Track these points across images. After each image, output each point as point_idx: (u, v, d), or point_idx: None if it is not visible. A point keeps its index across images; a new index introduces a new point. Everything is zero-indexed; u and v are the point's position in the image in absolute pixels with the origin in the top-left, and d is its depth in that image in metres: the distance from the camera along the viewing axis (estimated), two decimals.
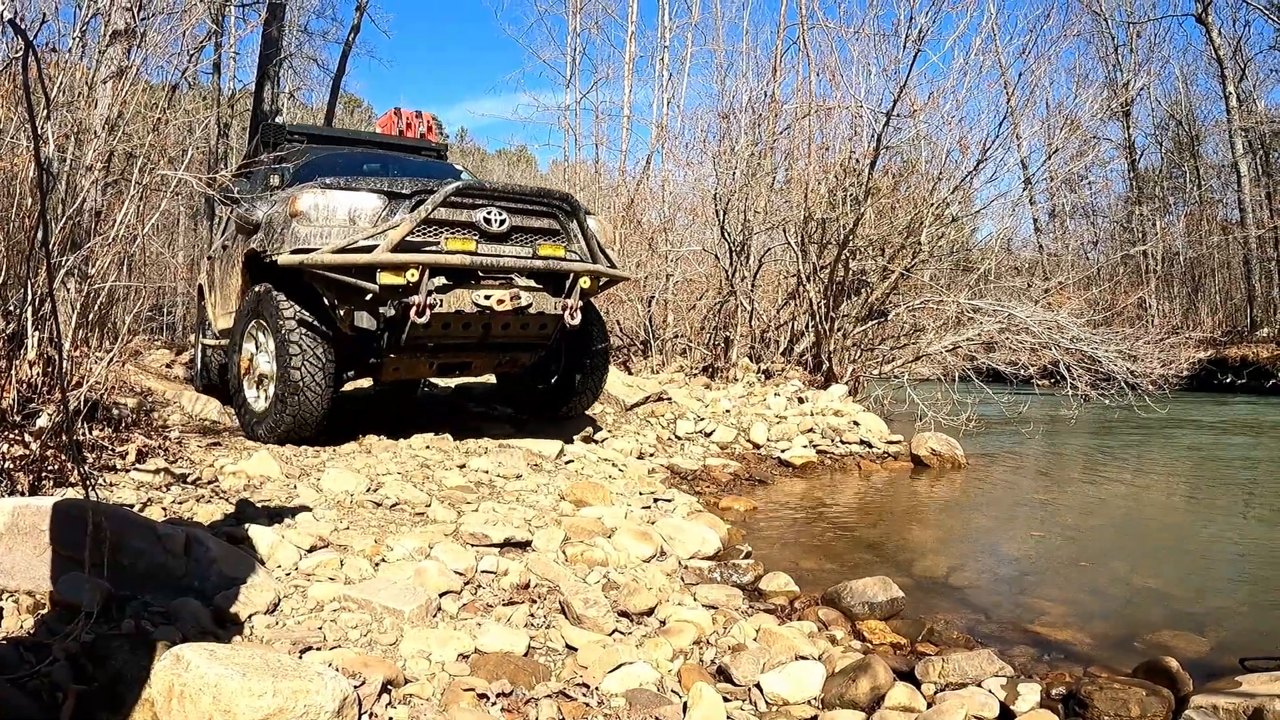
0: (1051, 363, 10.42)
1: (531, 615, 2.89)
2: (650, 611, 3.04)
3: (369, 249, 4.98)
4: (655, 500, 4.78)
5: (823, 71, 11.37)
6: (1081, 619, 3.60)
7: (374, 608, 2.70)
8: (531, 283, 5.36)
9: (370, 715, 2.11)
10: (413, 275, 4.98)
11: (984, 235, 15.94)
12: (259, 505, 3.68)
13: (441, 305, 5.09)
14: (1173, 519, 5.71)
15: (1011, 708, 2.59)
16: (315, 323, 5.22)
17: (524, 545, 3.56)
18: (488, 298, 5.16)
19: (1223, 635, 3.54)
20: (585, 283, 5.49)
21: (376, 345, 5.38)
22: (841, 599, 3.45)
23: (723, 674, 2.67)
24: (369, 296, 5.07)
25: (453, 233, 5.20)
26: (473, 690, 2.30)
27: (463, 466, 4.90)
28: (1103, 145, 35.89)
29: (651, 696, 2.39)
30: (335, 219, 5.11)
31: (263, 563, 2.96)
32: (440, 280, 5.11)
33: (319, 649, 2.39)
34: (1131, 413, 10.28)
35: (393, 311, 5.16)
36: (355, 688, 2.10)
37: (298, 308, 5.20)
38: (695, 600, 3.27)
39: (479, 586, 3.08)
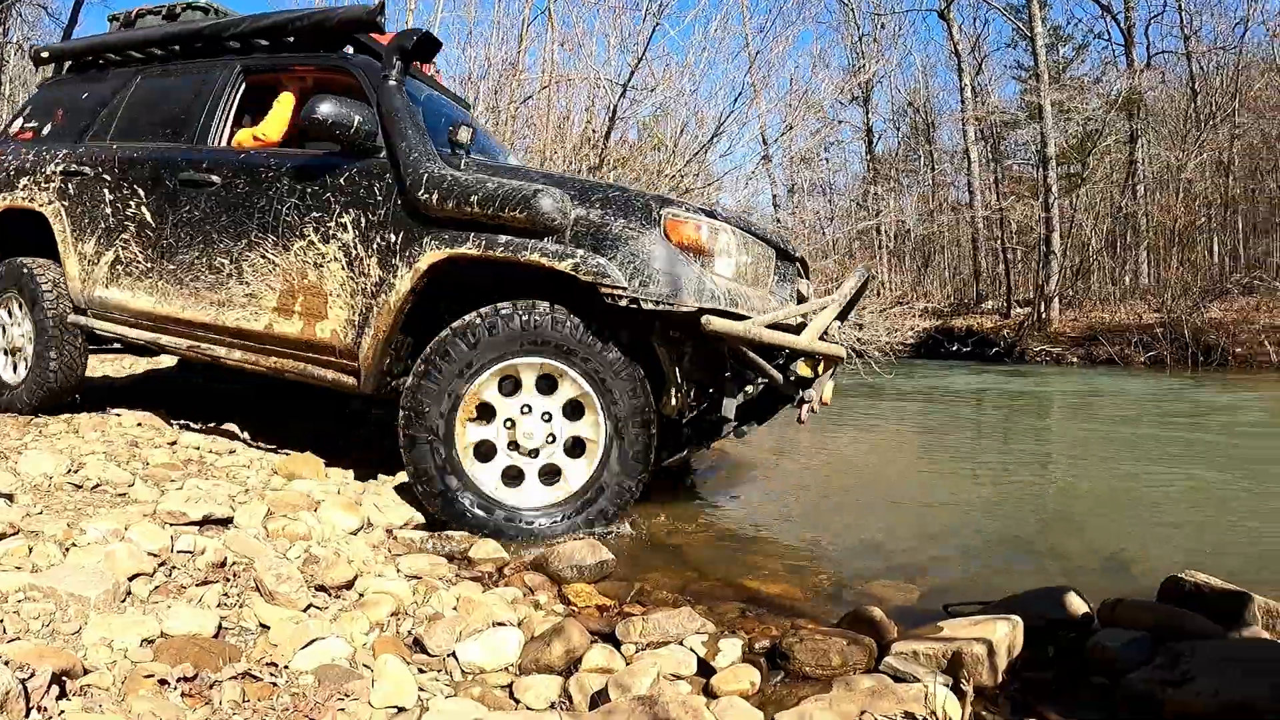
0: None
1: (225, 594, 2.75)
2: (350, 584, 2.95)
3: (798, 329, 4.05)
4: (377, 473, 4.68)
5: (566, 41, 11.39)
6: (797, 573, 3.69)
7: (59, 595, 2.49)
8: None
9: (38, 709, 1.97)
10: (821, 368, 4.17)
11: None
12: None
13: (822, 399, 4.27)
14: (891, 476, 5.99)
15: (712, 663, 2.61)
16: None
17: (225, 522, 3.39)
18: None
19: (933, 584, 3.70)
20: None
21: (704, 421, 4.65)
22: (549, 564, 3.42)
23: (419, 645, 2.61)
24: (756, 379, 4.27)
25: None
26: (154, 676, 2.16)
27: (173, 443, 4.66)
28: (842, 127, 37.85)
29: (342, 672, 2.31)
30: (730, 269, 4.08)
31: None
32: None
33: None
34: (859, 377, 10.87)
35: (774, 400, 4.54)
36: (22, 681, 1.96)
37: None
38: (398, 571, 3.20)
39: (174, 568, 2.90)
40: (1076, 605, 3.04)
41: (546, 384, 3.98)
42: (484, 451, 4.01)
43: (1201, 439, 8.74)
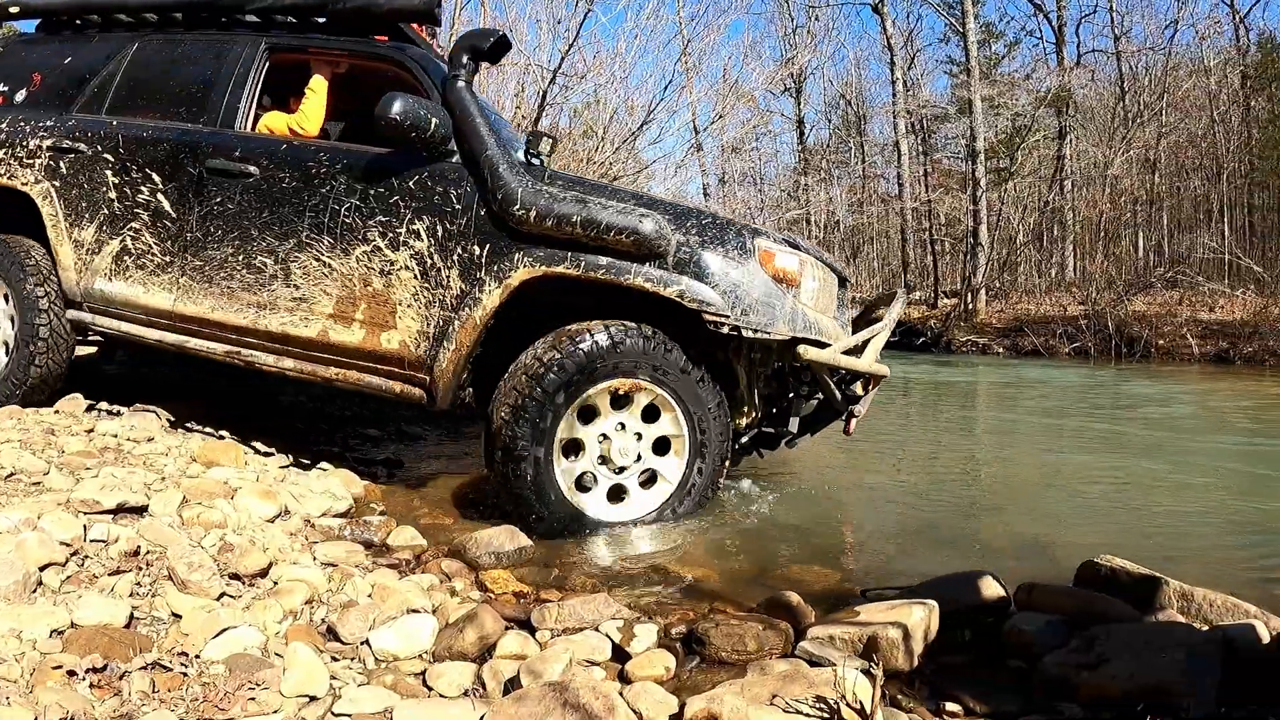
0: None
1: (138, 584, 2.72)
2: (264, 573, 2.92)
3: (858, 350, 4.37)
4: (296, 460, 4.62)
5: (497, 25, 11.32)
6: (717, 559, 3.71)
7: None
8: None
9: None
10: (871, 386, 4.67)
11: None
12: None
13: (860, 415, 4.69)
14: (816, 464, 6.01)
15: (627, 649, 2.63)
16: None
17: (140, 510, 3.33)
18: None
19: (854, 569, 3.77)
20: None
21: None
22: (467, 550, 3.43)
23: (332, 633, 2.61)
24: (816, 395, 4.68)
25: None
26: (62, 668, 2.15)
27: (90, 431, 4.57)
28: (774, 118, 38.18)
29: (253, 661, 2.31)
30: (812, 298, 4.30)
31: None
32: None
33: None
34: None
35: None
36: None
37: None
38: (314, 559, 3.18)
39: (87, 557, 2.85)
40: (993, 589, 3.08)
41: (632, 403, 4.08)
42: (582, 479, 4.06)
43: (1126, 429, 8.93)
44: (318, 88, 5.00)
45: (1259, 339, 25.18)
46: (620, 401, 4.04)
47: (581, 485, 4.04)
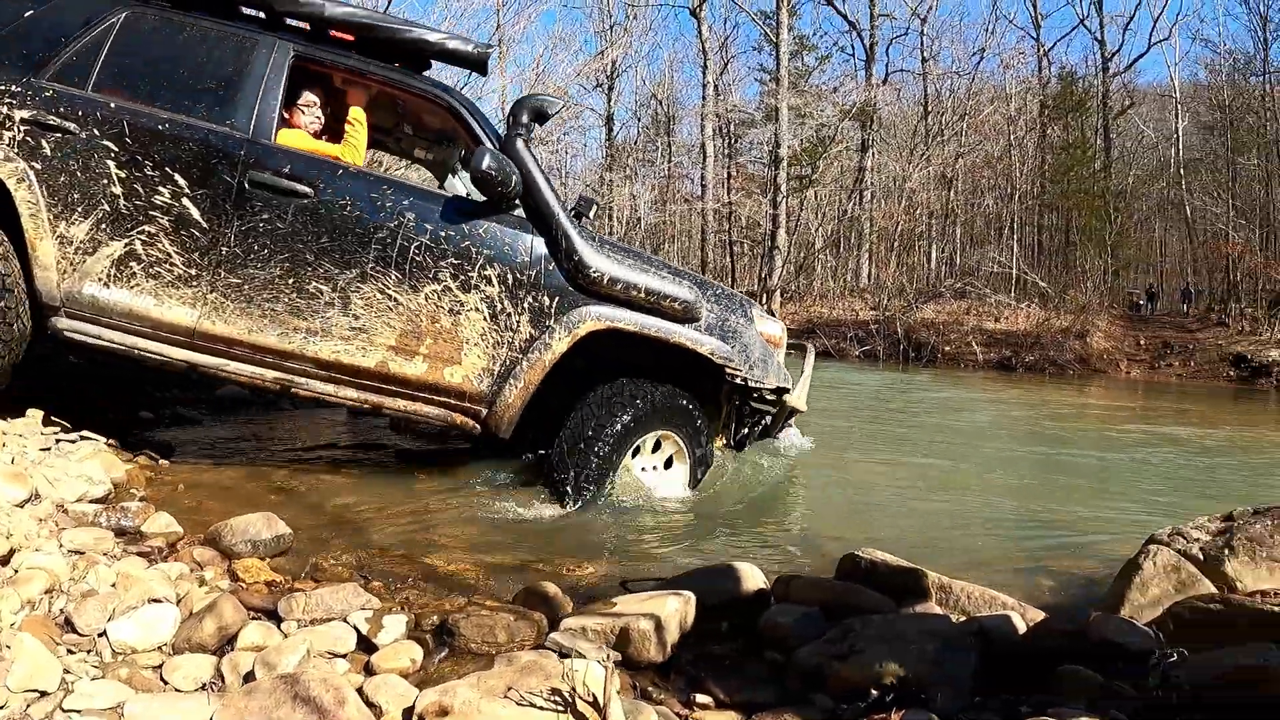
0: None
1: None
2: (5, 560, 2.82)
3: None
4: (58, 440, 4.38)
5: None
6: (484, 551, 3.74)
7: None
8: None
9: None
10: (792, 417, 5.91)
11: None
12: None
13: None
14: None
15: (374, 640, 2.61)
16: None
17: None
18: None
19: (621, 562, 3.82)
20: None
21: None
22: (222, 538, 3.33)
23: (70, 624, 2.54)
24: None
25: None
26: None
27: None
28: (583, 112, 38.39)
29: None
30: (783, 355, 5.64)
31: None
32: None
33: None
34: None
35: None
36: None
37: None
38: (60, 546, 3.06)
39: None
40: (754, 582, 3.18)
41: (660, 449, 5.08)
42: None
43: (913, 430, 9.42)
44: (361, 119, 5.03)
45: (1040, 349, 27.06)
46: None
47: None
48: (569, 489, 4.59)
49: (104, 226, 4.37)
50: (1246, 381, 25.84)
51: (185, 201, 4.41)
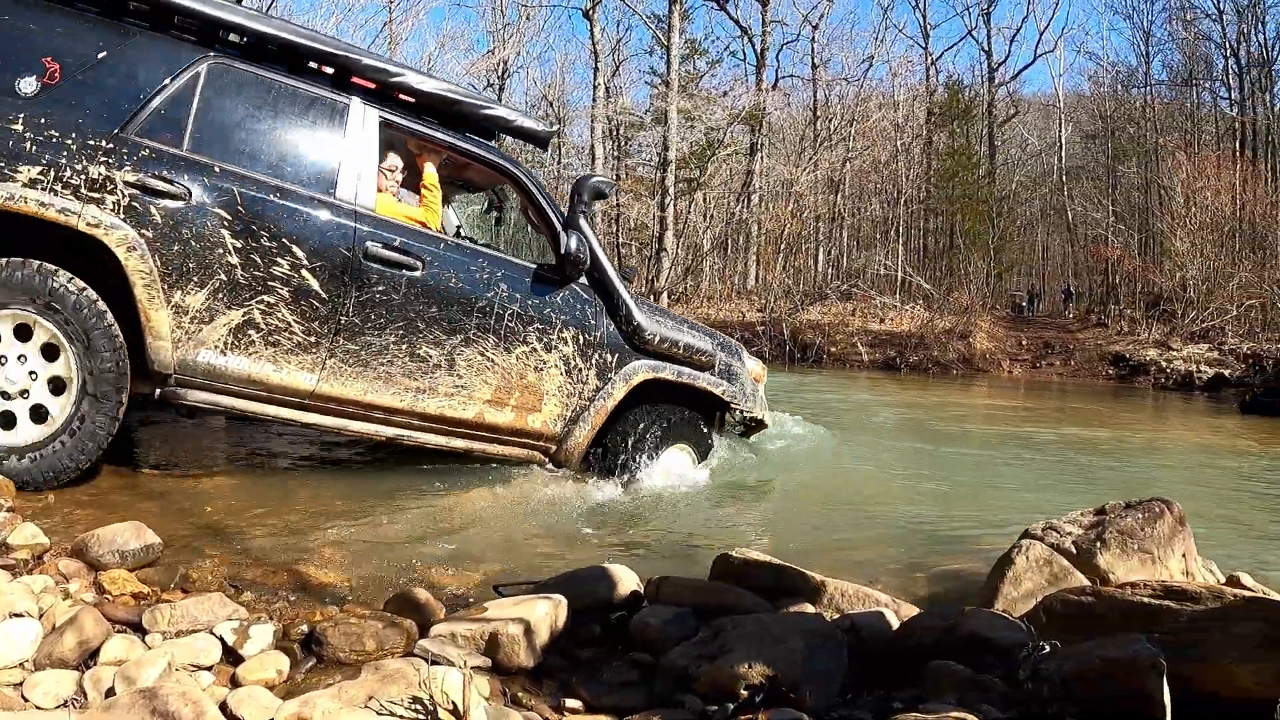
0: None
1: None
2: None
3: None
4: None
5: None
6: (357, 560, 3.72)
7: None
8: None
9: None
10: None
11: None
12: None
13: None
14: (474, 467, 6.04)
15: (240, 651, 2.56)
16: None
17: None
18: None
19: (497, 568, 3.80)
20: None
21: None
22: (89, 549, 3.22)
23: None
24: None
25: None
26: None
27: None
28: None
29: None
30: (762, 388, 6.91)
31: None
32: None
33: None
34: None
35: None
36: None
37: None
38: None
39: None
40: (627, 584, 3.21)
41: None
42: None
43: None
44: (435, 183, 5.48)
45: (924, 349, 27.76)
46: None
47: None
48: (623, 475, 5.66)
49: (221, 295, 4.39)
50: (1125, 380, 27.04)
51: (304, 273, 4.58)
